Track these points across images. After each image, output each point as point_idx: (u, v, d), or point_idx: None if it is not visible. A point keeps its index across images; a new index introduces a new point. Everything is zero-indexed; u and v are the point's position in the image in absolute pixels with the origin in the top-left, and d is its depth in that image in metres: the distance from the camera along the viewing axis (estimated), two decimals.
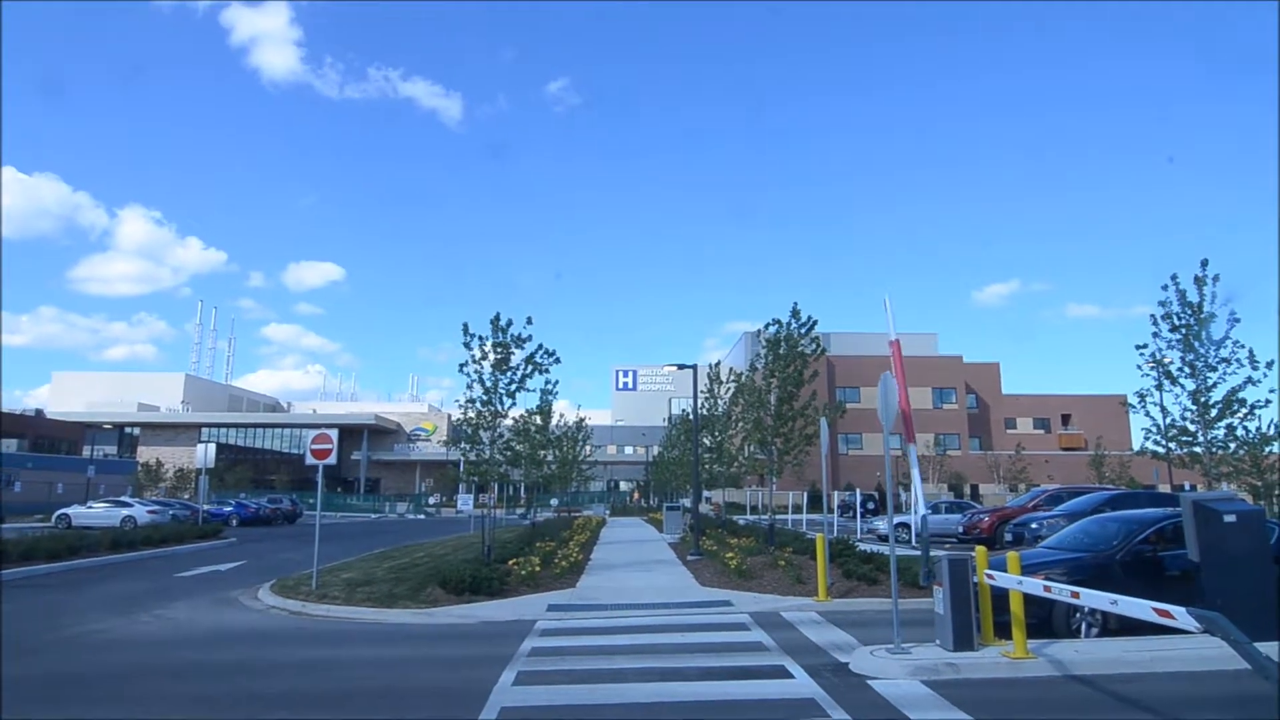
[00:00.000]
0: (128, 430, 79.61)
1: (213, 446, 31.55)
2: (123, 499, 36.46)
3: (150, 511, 32.89)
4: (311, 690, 7.35)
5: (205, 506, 34.19)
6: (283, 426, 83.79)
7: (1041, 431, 70.13)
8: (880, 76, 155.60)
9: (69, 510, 34.03)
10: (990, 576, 8.15)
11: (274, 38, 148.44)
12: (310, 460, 14.23)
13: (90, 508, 34.19)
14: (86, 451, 64.53)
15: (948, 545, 22.25)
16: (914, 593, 11.30)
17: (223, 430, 80.00)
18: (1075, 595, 6.71)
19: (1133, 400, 16.88)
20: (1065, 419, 71.43)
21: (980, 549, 8.57)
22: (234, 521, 38.03)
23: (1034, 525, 18.85)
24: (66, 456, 58.70)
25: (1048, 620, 8.78)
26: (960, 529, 23.65)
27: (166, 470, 63.14)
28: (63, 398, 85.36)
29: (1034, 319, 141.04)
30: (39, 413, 72.04)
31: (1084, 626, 8.83)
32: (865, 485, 49.24)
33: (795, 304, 17.97)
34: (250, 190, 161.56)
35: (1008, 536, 19.44)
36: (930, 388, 62.39)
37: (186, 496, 49.77)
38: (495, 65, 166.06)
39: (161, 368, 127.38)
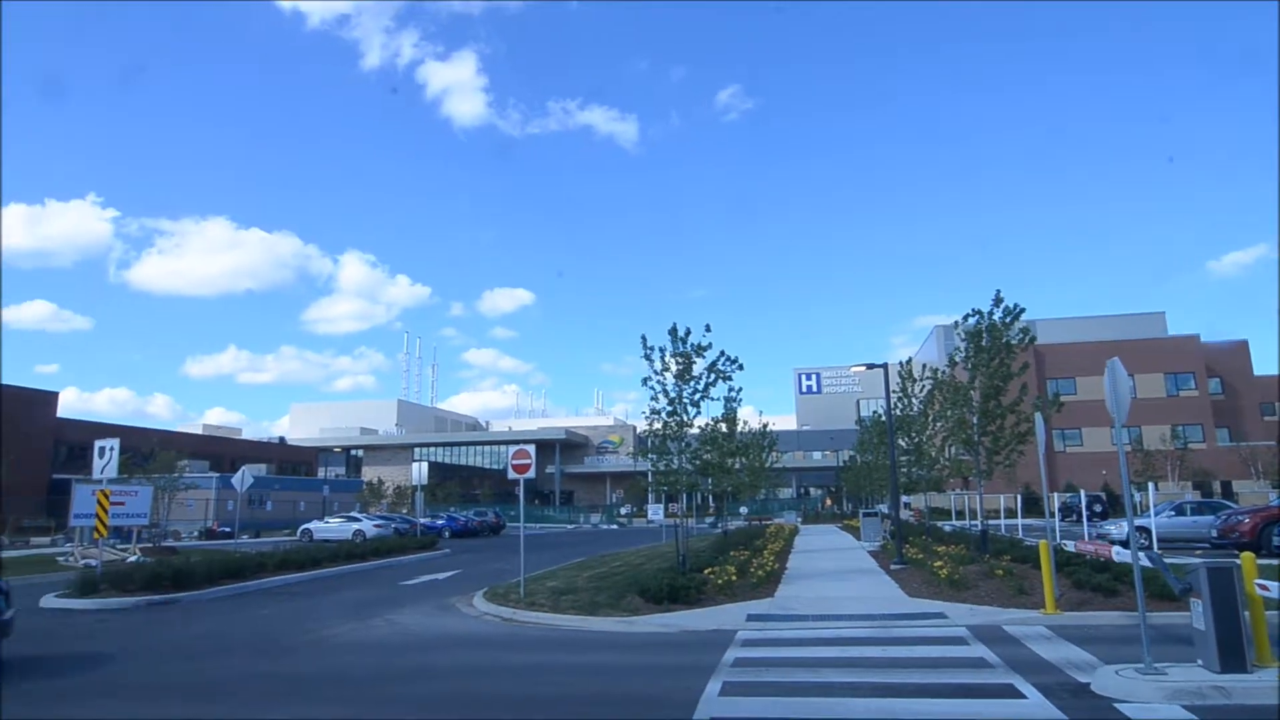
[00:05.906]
0: (353, 452, 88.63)
1: (425, 465, 34.09)
2: (353, 514, 40.49)
3: (376, 525, 36.24)
4: (526, 694, 7.61)
5: (422, 520, 37.12)
6: (483, 444, 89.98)
7: None
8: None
9: (310, 525, 38.34)
10: (1263, 587, 7.02)
11: (463, 87, 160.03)
12: (512, 475, 15.04)
13: (327, 523, 38.31)
14: (320, 473, 73.05)
15: (1198, 551, 19.66)
16: (1160, 605, 10.04)
17: (431, 449, 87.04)
18: None
19: None
20: None
21: (1246, 555, 7.42)
22: (446, 534, 40.79)
23: None
24: (305, 478, 66.88)
25: None
26: (1214, 532, 20.72)
27: (386, 488, 69.40)
28: (299, 426, 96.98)
29: None
30: (281, 440, 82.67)
31: None
32: (1086, 484, 44.76)
33: (998, 291, 16.66)
34: (448, 227, 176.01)
35: (1276, 541, 16.77)
36: (1162, 373, 55.54)
37: (404, 511, 54.32)
38: (665, 83, 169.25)
39: (378, 395, 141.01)
